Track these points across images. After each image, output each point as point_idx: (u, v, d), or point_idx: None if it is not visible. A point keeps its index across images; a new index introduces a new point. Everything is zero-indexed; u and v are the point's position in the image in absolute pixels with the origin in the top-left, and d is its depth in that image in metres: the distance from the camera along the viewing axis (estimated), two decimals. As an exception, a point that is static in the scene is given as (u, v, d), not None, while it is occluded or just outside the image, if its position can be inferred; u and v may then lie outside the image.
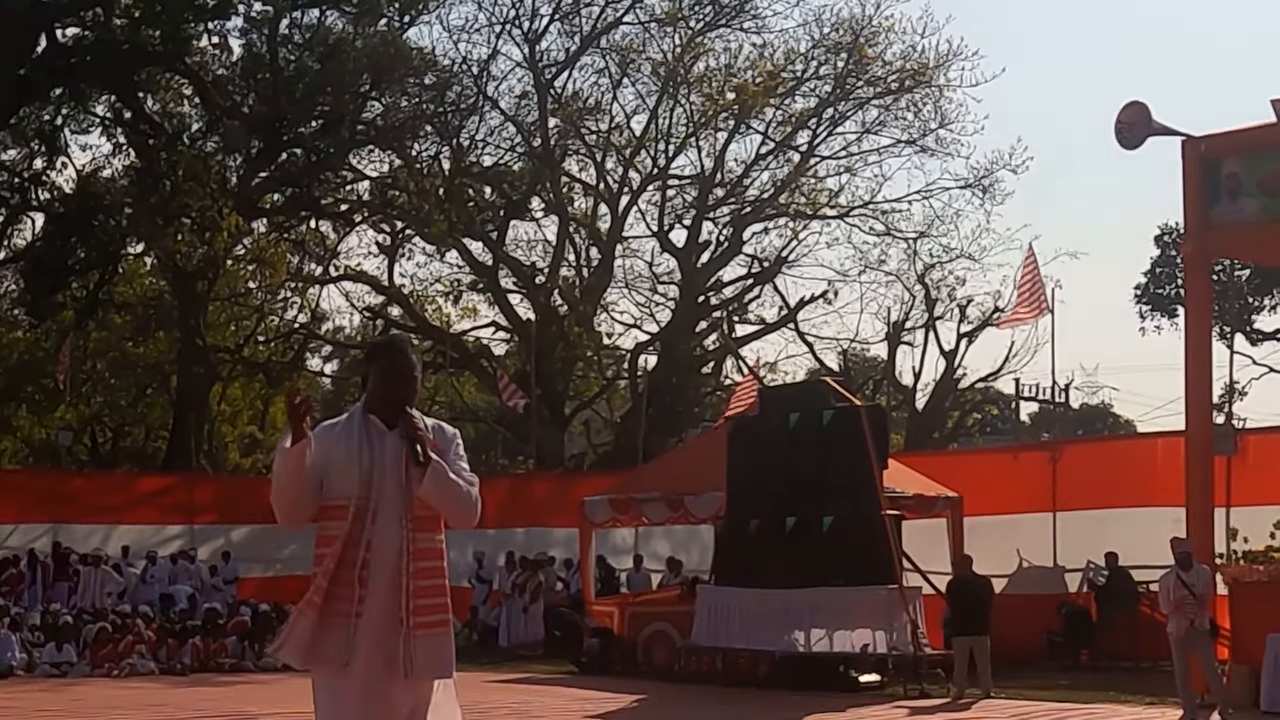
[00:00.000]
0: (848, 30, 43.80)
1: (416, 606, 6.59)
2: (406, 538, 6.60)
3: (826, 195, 45.98)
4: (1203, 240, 20.57)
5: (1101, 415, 64.41)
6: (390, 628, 6.57)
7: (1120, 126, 20.62)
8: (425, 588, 6.65)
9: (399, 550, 6.58)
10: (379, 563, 6.57)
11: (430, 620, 6.64)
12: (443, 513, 6.72)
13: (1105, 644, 25.86)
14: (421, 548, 6.64)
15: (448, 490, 6.68)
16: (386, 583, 6.57)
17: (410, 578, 6.58)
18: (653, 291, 47.46)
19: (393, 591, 6.57)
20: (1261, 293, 43.82)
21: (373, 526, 6.60)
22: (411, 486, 6.63)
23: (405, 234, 46.16)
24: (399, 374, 6.82)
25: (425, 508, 6.66)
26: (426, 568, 6.66)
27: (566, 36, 44.67)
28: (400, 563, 6.57)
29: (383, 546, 6.59)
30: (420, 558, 6.63)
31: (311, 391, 54.05)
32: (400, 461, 6.67)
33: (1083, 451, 29.95)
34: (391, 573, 6.57)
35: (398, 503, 6.63)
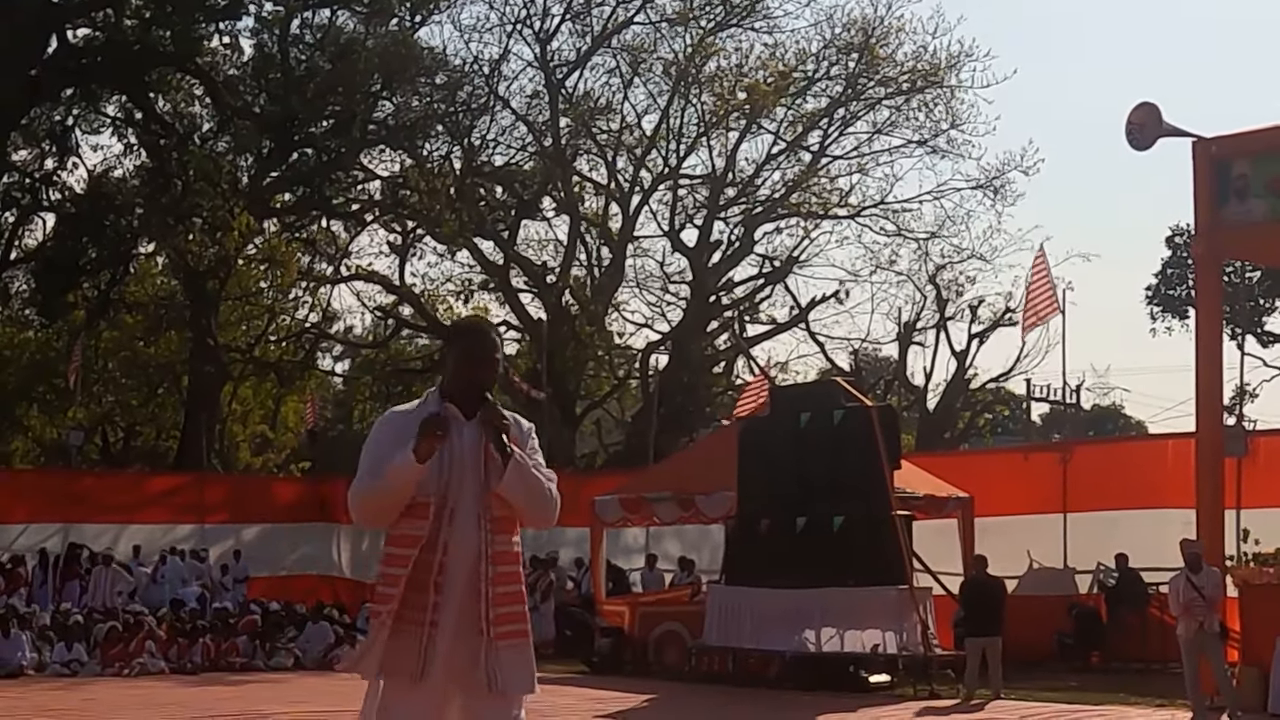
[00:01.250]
0: (859, 30, 43.81)
1: (497, 615, 6.16)
2: (485, 540, 6.19)
3: (838, 195, 46.00)
4: (1213, 241, 20.56)
5: (1112, 416, 64.33)
6: (469, 638, 6.14)
7: (1131, 127, 20.60)
8: (505, 594, 6.21)
9: (478, 553, 6.17)
10: (456, 567, 6.14)
11: (511, 630, 6.22)
12: (522, 511, 6.29)
13: (1115, 646, 25.85)
14: (500, 551, 6.22)
15: (530, 486, 6.24)
16: (464, 589, 6.14)
17: (490, 584, 6.16)
18: (664, 291, 47.51)
19: (471, 599, 6.14)
20: (1273, 294, 43.79)
21: (450, 528, 6.17)
22: (490, 482, 6.21)
23: (416, 233, 46.18)
24: (482, 357, 6.39)
25: (503, 507, 6.23)
26: (506, 573, 6.23)
27: (578, 36, 44.75)
28: (480, 567, 6.15)
29: (460, 550, 6.16)
30: (499, 562, 6.21)
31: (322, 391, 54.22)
32: (479, 455, 6.25)
33: (1093, 452, 29.93)
34: (469, 578, 6.14)
35: (475, 501, 6.21)
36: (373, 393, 52.58)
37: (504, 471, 6.18)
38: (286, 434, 52.82)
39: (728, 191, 45.76)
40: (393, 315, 48.91)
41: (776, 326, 47.15)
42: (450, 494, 6.20)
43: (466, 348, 6.43)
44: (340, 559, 37.21)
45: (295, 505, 37.30)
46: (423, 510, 6.19)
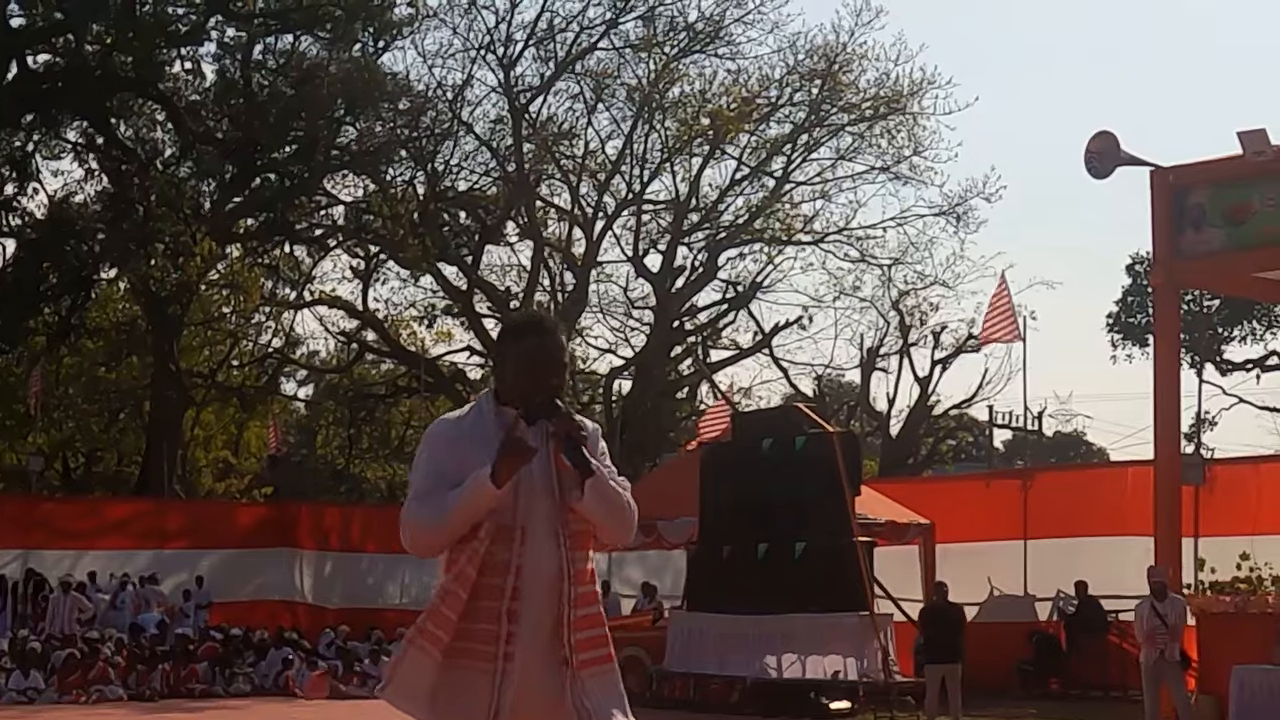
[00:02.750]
0: (822, 57, 43.88)
1: (579, 641, 5.51)
2: (566, 559, 5.51)
3: (801, 221, 46.02)
4: (1171, 270, 20.71)
5: (1075, 443, 64.50)
6: (550, 670, 5.48)
7: (1090, 156, 20.76)
8: (587, 617, 5.57)
9: (558, 574, 5.49)
10: (533, 592, 5.46)
11: (596, 656, 5.58)
12: (600, 527, 5.63)
13: (1075, 673, 25.95)
14: (579, 569, 5.56)
15: (611, 502, 5.59)
16: (542, 616, 5.46)
17: (573, 607, 5.49)
18: (627, 316, 47.53)
19: (551, 626, 5.48)
20: (1231, 323, 43.96)
21: (523, 548, 5.47)
22: (566, 497, 5.54)
23: (379, 259, 46.12)
24: (550, 360, 5.62)
25: (580, 521, 5.57)
26: (586, 593, 5.59)
27: (541, 62, 44.71)
28: (561, 589, 5.48)
29: (537, 572, 5.46)
30: (580, 581, 5.56)
31: (285, 417, 54.10)
32: (549, 466, 5.55)
33: (1054, 479, 30.05)
34: (549, 603, 5.47)
35: (551, 517, 5.52)
36: (336, 418, 52.52)
37: (583, 488, 5.50)
38: (249, 459, 52.67)
39: (691, 217, 45.81)
40: (356, 340, 48.82)
41: (740, 352, 47.23)
42: (519, 512, 5.49)
43: (530, 350, 5.62)
44: (302, 585, 37.10)
45: (257, 531, 37.19)
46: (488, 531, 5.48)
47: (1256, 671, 17.42)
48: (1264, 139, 18.95)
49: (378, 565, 37.04)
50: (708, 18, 44.27)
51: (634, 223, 46.12)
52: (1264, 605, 19.56)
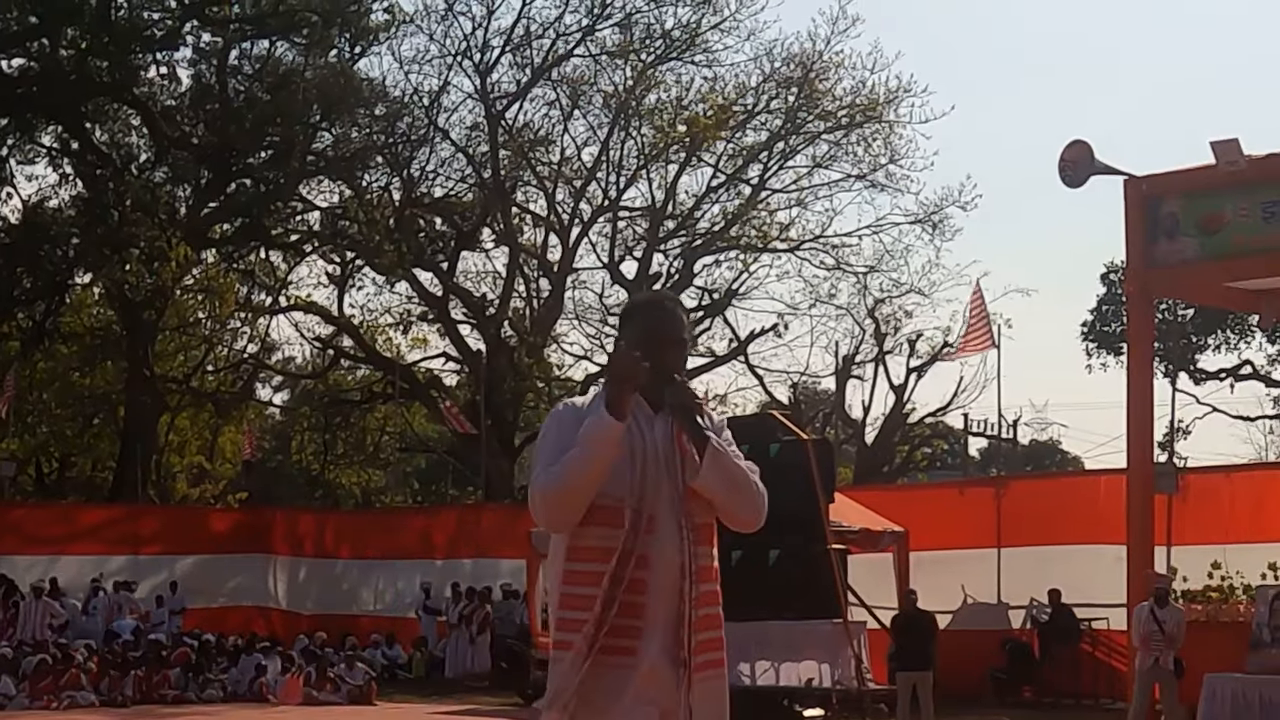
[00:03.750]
0: (798, 65, 43.94)
1: (699, 643, 5.26)
2: (688, 553, 5.26)
3: (777, 228, 46.04)
4: (1144, 279, 20.73)
5: (1050, 451, 64.61)
6: (666, 672, 5.23)
7: (1064, 165, 20.78)
8: (706, 618, 5.31)
9: (680, 569, 5.24)
10: (657, 587, 5.21)
11: (710, 660, 5.34)
12: (724, 508, 5.35)
13: (1048, 681, 26.00)
14: (703, 565, 5.30)
15: (733, 476, 5.31)
16: (665, 613, 5.21)
17: (694, 605, 5.24)
18: (603, 323, 47.45)
19: (671, 624, 5.22)
20: (1205, 332, 44.10)
21: (648, 538, 5.22)
22: (686, 478, 5.28)
23: (355, 264, 46.08)
24: (668, 337, 5.40)
25: (704, 514, 5.32)
26: (708, 592, 5.33)
27: (517, 68, 44.71)
28: (682, 586, 5.23)
29: (660, 565, 5.22)
30: (702, 579, 5.30)
31: (260, 422, 54.01)
32: (673, 452, 5.31)
33: (1027, 488, 30.10)
34: (671, 600, 5.22)
35: (673, 507, 5.27)
36: (311, 424, 52.42)
37: (700, 463, 5.24)
38: (224, 465, 52.56)
39: (667, 224, 45.83)
40: (332, 346, 48.74)
41: (715, 359, 47.21)
42: (646, 498, 5.24)
43: (648, 325, 5.43)
44: (276, 590, 37.11)
45: (231, 536, 37.21)
46: (610, 516, 5.22)
47: (1227, 680, 17.46)
48: (1236, 149, 19.00)
49: (352, 571, 37.03)
50: (684, 25, 44.34)
51: (610, 229, 46.14)
52: (1235, 614, 19.66)
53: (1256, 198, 19.44)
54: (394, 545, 36.49)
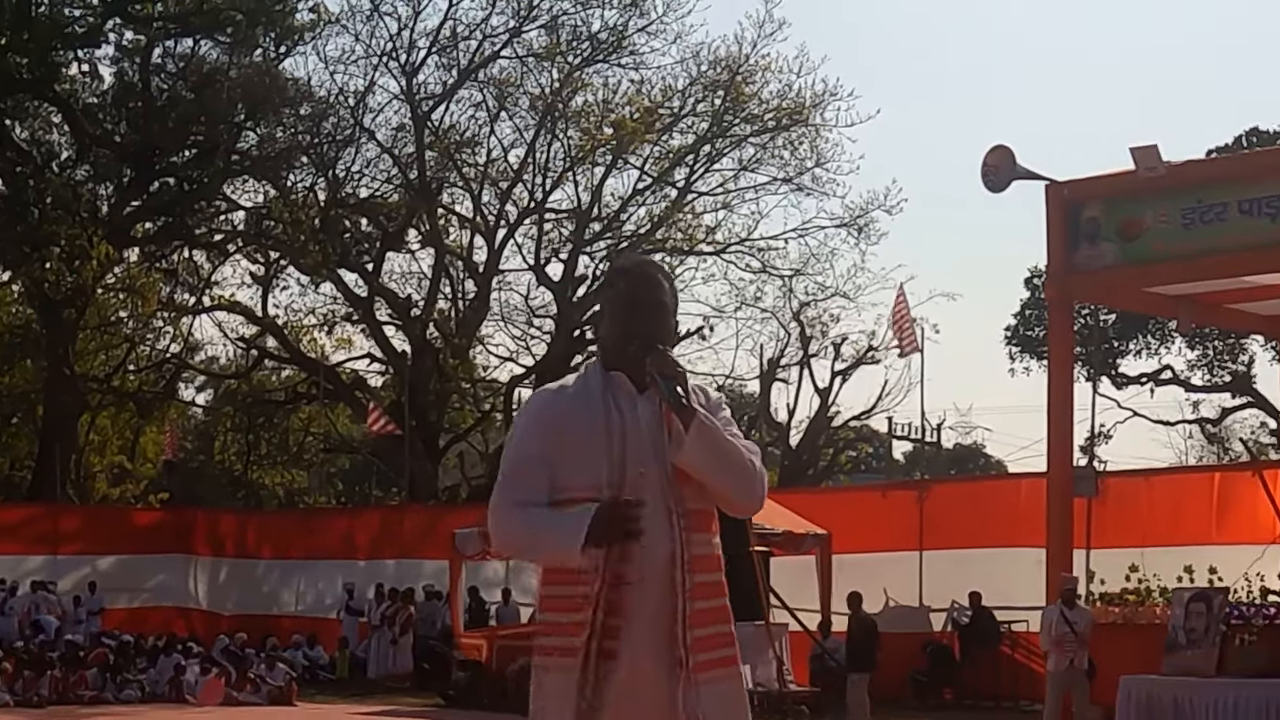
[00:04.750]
0: (725, 68, 44.02)
1: (697, 640, 4.78)
2: (679, 540, 4.79)
3: (703, 231, 46.13)
4: (1065, 284, 20.90)
5: (974, 455, 65.00)
6: (661, 672, 4.76)
7: (986, 170, 20.91)
8: (706, 611, 4.84)
9: (670, 559, 4.77)
10: (642, 579, 4.76)
11: (716, 658, 4.86)
12: (716, 488, 4.88)
13: (968, 683, 26.16)
14: (698, 554, 4.84)
15: (723, 452, 4.83)
16: (654, 607, 4.74)
17: (689, 597, 4.78)
18: (529, 325, 47.43)
19: (662, 619, 4.75)
20: (1126, 337, 44.48)
21: None
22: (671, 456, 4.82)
23: (280, 264, 45.87)
24: (647, 301, 4.94)
25: (699, 498, 4.85)
26: (706, 583, 4.86)
27: (444, 70, 44.59)
28: (674, 577, 4.76)
29: (646, 554, 4.74)
30: (698, 569, 4.83)
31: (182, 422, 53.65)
32: (660, 434, 4.84)
33: (949, 491, 30.32)
34: (661, 592, 4.75)
35: (662, 493, 4.80)
36: (234, 424, 52.12)
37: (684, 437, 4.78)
38: (145, 465, 52.17)
39: (593, 226, 45.82)
40: (256, 346, 48.49)
41: (641, 362, 47.18)
42: (627, 485, 4.78)
43: (629, 289, 4.98)
44: (196, 591, 36.89)
45: (152, 536, 36.96)
46: None
47: (1144, 682, 17.60)
48: (1156, 155, 19.18)
49: (274, 572, 36.87)
50: (611, 28, 44.32)
51: (536, 231, 46.09)
52: (1152, 616, 19.82)
53: (1176, 204, 19.64)
54: (316, 546, 36.34)
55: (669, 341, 4.97)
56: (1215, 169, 21.32)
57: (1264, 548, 22.16)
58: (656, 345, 4.88)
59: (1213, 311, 22.85)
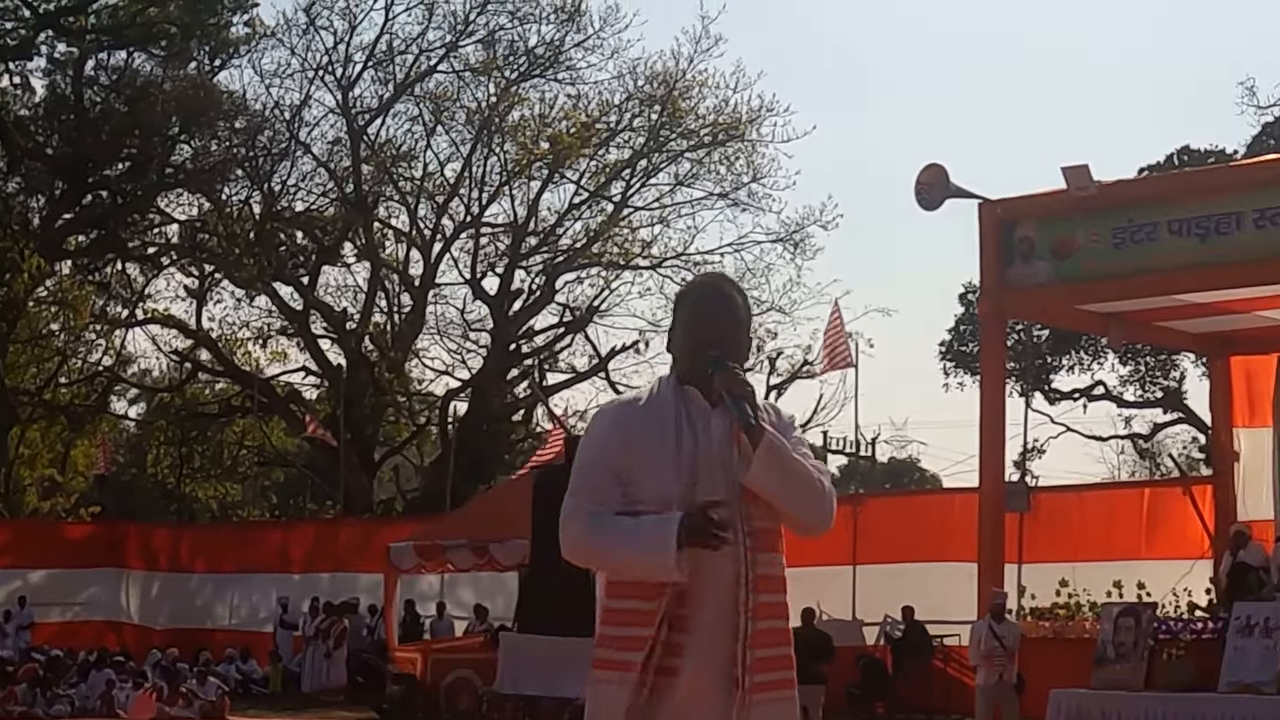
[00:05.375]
0: (661, 84, 44.18)
1: (757, 660, 4.74)
2: (745, 561, 4.76)
3: (639, 246, 46.24)
4: (997, 301, 21.06)
5: (909, 469, 65.29)
6: (718, 692, 4.71)
7: (920, 188, 21.05)
8: (768, 632, 4.79)
9: (735, 578, 4.74)
10: (704, 597, 4.72)
11: (773, 680, 4.80)
12: (783, 508, 4.85)
13: (901, 696, 26.27)
14: (763, 574, 4.80)
15: (792, 473, 4.81)
16: (715, 626, 4.72)
17: (751, 618, 4.73)
18: (465, 338, 47.42)
19: (724, 639, 4.71)
20: (1059, 353, 44.76)
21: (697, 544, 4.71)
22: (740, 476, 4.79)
23: (214, 277, 45.71)
24: (718, 318, 4.94)
25: (766, 517, 4.84)
26: (770, 604, 4.82)
27: (380, 84, 44.62)
28: (738, 596, 4.73)
29: (711, 572, 4.72)
30: (763, 589, 4.79)
31: (115, 435, 53.31)
32: (730, 451, 4.81)
33: (883, 505, 30.45)
34: (723, 611, 4.72)
35: (730, 510, 4.76)
36: (167, 437, 51.83)
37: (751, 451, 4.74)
38: (76, 478, 51.78)
39: (529, 240, 45.86)
40: (189, 359, 48.26)
41: (576, 375, 47.29)
42: (697, 501, 4.74)
43: (698, 308, 4.97)
44: (128, 605, 36.67)
45: (83, 550, 36.71)
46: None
47: (1073, 695, 17.74)
48: (1086, 175, 19.37)
49: (207, 586, 36.70)
50: (548, 43, 44.50)
51: (472, 245, 46.12)
52: (1081, 630, 20.00)
53: (1107, 223, 19.83)
54: (250, 559, 36.21)
55: (740, 358, 4.95)
56: (1145, 189, 21.57)
57: (1192, 563, 22.40)
58: (727, 363, 4.84)
59: (1143, 329, 23.06)
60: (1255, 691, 16.71)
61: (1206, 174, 24.36)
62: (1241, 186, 19.02)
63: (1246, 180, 19.48)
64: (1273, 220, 18.19)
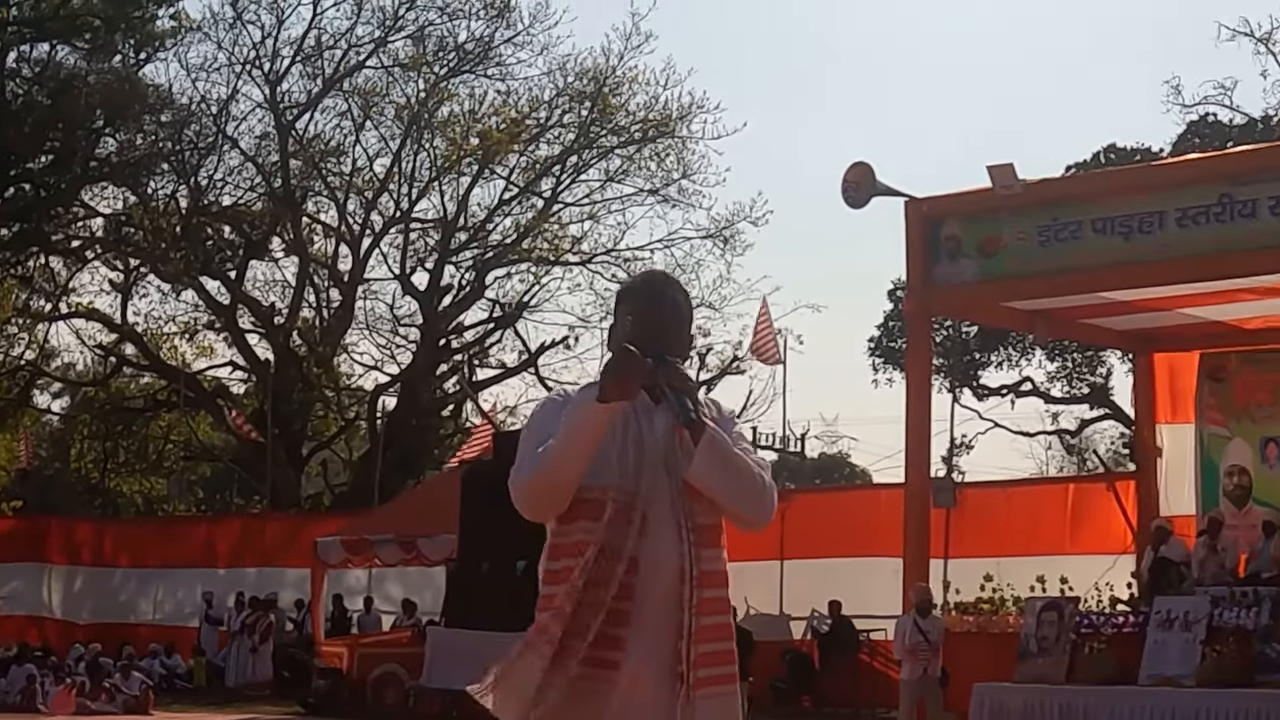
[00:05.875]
0: (591, 80, 44.16)
1: (700, 655, 4.73)
2: (689, 556, 4.74)
3: (569, 242, 46.20)
4: (924, 298, 21.18)
5: (840, 464, 65.55)
6: (661, 687, 4.70)
7: (846, 186, 21.15)
8: (711, 628, 4.79)
9: (679, 573, 4.72)
10: (648, 591, 4.69)
11: (716, 675, 4.80)
12: (724, 502, 4.85)
13: (827, 691, 26.42)
14: (707, 570, 4.79)
15: (733, 467, 4.81)
16: (658, 620, 4.70)
17: (694, 614, 4.72)
18: (394, 334, 47.29)
19: (666, 633, 4.71)
20: (987, 349, 44.98)
21: (640, 538, 4.71)
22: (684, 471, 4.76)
23: (140, 271, 45.42)
24: (662, 316, 4.95)
25: (709, 513, 4.83)
26: (713, 598, 4.81)
27: (308, 78, 44.40)
28: (681, 591, 4.71)
29: (654, 567, 4.70)
30: (706, 584, 4.78)
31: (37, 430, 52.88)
32: (673, 446, 4.80)
33: (811, 501, 30.58)
34: (666, 606, 4.71)
35: (674, 505, 4.77)
36: (91, 431, 51.46)
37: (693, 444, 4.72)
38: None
39: (459, 236, 45.77)
40: (114, 354, 47.94)
41: (506, 371, 47.22)
42: (640, 495, 4.74)
43: (639, 306, 4.96)
44: (50, 599, 36.42)
45: (4, 544, 36.45)
46: (597, 510, 4.74)
47: (996, 689, 17.92)
48: (1012, 173, 19.50)
49: (130, 581, 36.51)
50: (478, 38, 44.39)
51: (401, 241, 45.99)
52: (1005, 625, 20.13)
53: (1033, 222, 19.98)
54: (176, 554, 36.02)
55: (682, 354, 4.94)
56: (1070, 187, 21.72)
57: (1116, 557, 22.61)
58: (667, 357, 4.80)
59: (1068, 326, 23.27)
60: (1175, 684, 16.94)
61: (1130, 173, 24.59)
62: (1164, 185, 19.22)
63: (1169, 179, 19.69)
64: (1194, 219, 18.38)
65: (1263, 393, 21.88)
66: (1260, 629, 16.92)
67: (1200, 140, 40.24)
